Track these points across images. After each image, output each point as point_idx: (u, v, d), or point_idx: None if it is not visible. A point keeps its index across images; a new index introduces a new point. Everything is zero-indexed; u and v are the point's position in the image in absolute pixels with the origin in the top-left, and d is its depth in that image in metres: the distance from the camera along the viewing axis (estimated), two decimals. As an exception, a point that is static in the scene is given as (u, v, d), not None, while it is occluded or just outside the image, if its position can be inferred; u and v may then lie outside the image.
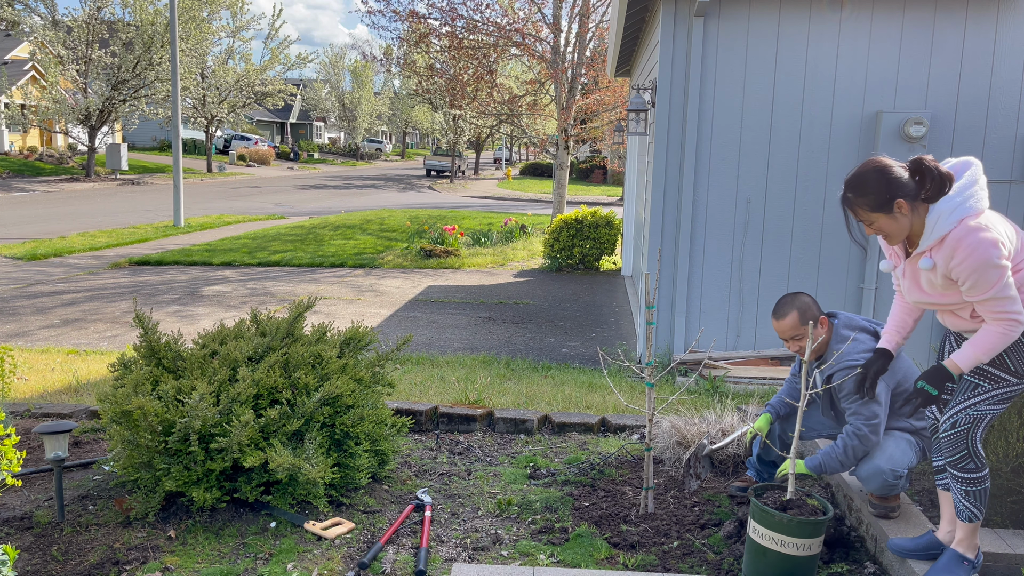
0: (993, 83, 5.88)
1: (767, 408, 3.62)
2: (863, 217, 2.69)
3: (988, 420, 2.72)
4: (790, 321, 3.24)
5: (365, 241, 14.71)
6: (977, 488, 2.74)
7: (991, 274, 2.53)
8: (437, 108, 34.83)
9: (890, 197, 2.60)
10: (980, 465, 2.73)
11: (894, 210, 2.61)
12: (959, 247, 2.54)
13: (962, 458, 2.73)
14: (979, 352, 2.64)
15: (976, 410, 2.71)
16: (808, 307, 3.25)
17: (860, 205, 2.66)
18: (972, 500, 2.75)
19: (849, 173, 2.73)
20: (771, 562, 2.80)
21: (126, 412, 3.25)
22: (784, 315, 3.26)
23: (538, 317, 8.64)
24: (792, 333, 3.25)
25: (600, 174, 41.57)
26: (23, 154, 32.24)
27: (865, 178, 2.66)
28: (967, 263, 2.54)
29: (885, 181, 2.61)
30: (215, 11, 29.71)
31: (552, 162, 17.20)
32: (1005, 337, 2.60)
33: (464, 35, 15.32)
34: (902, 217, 2.63)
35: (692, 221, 6.17)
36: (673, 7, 6.00)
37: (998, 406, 2.72)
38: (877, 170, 2.65)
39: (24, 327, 7.72)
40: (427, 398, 5.18)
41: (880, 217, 2.64)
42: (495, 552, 3.19)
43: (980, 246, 2.52)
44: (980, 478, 2.74)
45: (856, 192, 2.67)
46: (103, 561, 3.03)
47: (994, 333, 2.61)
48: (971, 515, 2.77)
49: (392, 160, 62.92)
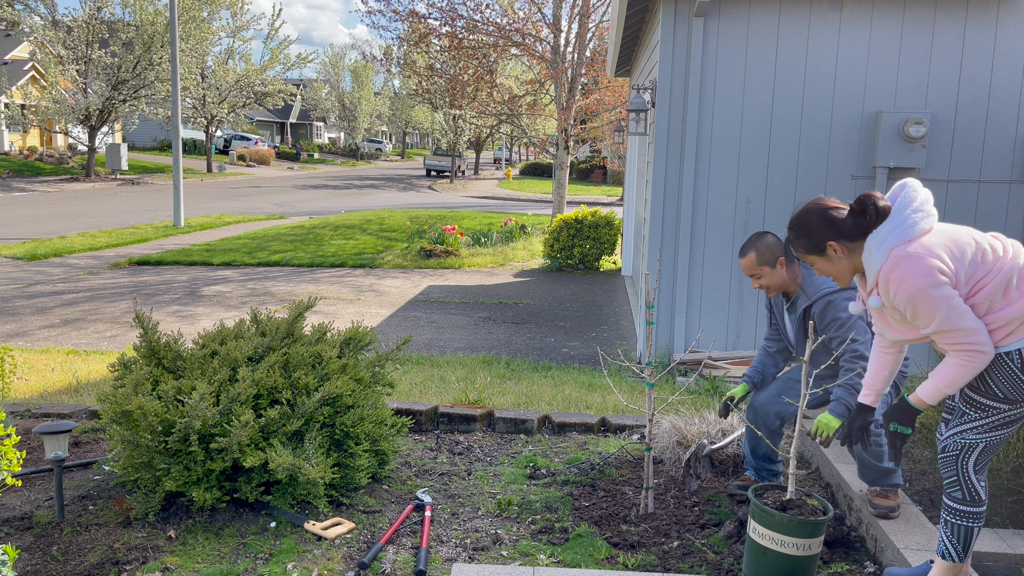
0: (993, 83, 5.88)
1: (744, 379, 3.71)
2: (802, 259, 2.68)
3: (982, 448, 2.54)
4: (747, 260, 3.41)
5: (365, 241, 14.71)
6: (959, 523, 2.57)
7: (927, 304, 2.39)
8: (437, 108, 34.83)
9: (821, 239, 2.57)
10: (968, 498, 2.55)
11: (827, 252, 2.59)
12: (890, 281, 2.44)
13: (951, 483, 2.58)
14: (940, 384, 2.49)
15: (964, 438, 2.56)
16: (769, 247, 3.37)
17: (797, 247, 2.66)
18: (951, 535, 2.59)
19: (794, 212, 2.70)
20: (771, 562, 2.80)
21: (126, 412, 3.25)
22: (744, 254, 3.43)
23: (538, 317, 8.64)
24: (751, 272, 3.42)
25: (600, 174, 41.57)
26: (23, 154, 32.25)
27: (801, 219, 2.63)
28: (900, 296, 2.43)
29: (820, 223, 2.58)
30: (215, 11, 29.71)
31: (552, 162, 17.20)
32: (965, 368, 2.43)
33: (464, 35, 15.32)
34: (839, 259, 2.59)
35: (692, 221, 6.17)
36: (673, 7, 6.00)
37: (992, 434, 2.54)
38: (813, 212, 2.61)
39: (24, 327, 7.73)
40: (427, 398, 5.18)
41: (816, 260, 2.64)
42: (495, 552, 3.19)
43: (908, 277, 2.40)
44: (966, 513, 2.56)
45: (794, 234, 2.66)
46: (103, 561, 3.03)
47: (953, 365, 2.45)
48: (945, 551, 2.60)
49: (392, 160, 62.93)
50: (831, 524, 3.41)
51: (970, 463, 2.56)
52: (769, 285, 3.44)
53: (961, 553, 2.58)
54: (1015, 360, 2.44)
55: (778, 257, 3.39)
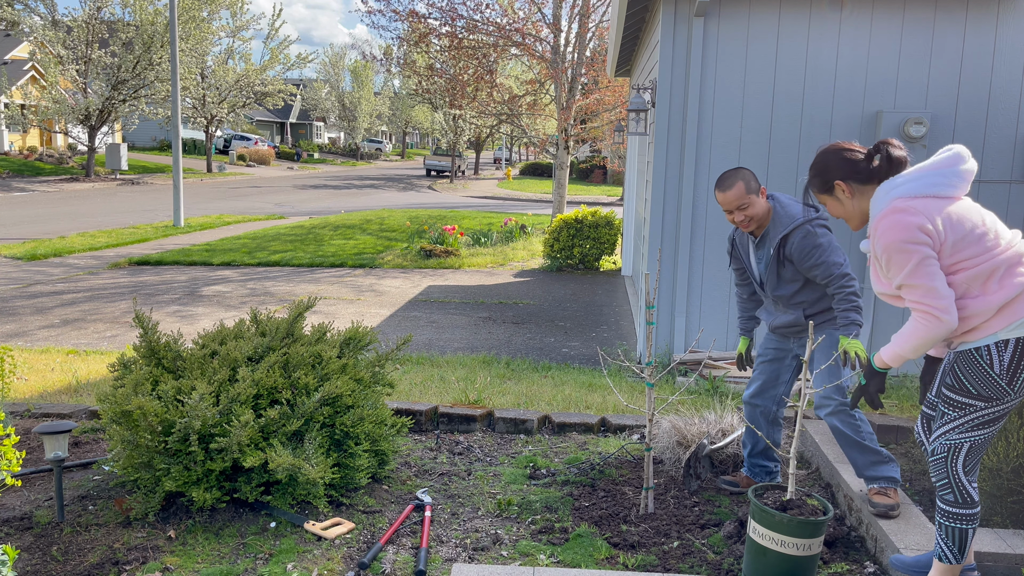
0: (993, 83, 5.88)
1: (741, 332, 3.80)
2: (818, 199, 2.76)
3: (969, 448, 2.55)
4: (736, 191, 3.36)
5: (365, 241, 14.71)
6: (953, 525, 2.57)
7: (900, 258, 2.43)
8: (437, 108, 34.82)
9: (830, 178, 2.65)
10: (960, 500, 2.56)
11: (835, 192, 2.66)
12: (878, 228, 2.49)
13: (943, 486, 2.60)
14: (898, 346, 2.53)
15: (948, 439, 2.58)
16: (750, 178, 3.40)
17: (811, 186, 2.75)
18: (946, 537, 2.59)
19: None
20: (771, 562, 2.80)
21: (126, 412, 3.25)
22: (730, 186, 3.37)
23: (538, 317, 8.63)
24: (738, 203, 3.36)
25: (600, 174, 41.57)
26: (23, 154, 32.25)
27: (818, 158, 2.72)
28: (880, 243, 2.47)
29: (832, 162, 2.66)
30: (215, 11, 29.71)
31: (552, 162, 17.20)
32: (922, 331, 2.45)
33: (464, 35, 15.32)
34: (846, 200, 2.66)
35: (692, 221, 6.17)
36: (673, 7, 6.00)
37: (974, 432, 2.54)
38: (829, 152, 2.69)
39: (24, 327, 7.72)
40: (427, 398, 5.18)
41: (826, 199, 2.71)
42: (495, 552, 3.19)
43: (894, 227, 2.44)
44: (959, 515, 2.57)
45: (811, 173, 2.75)
46: (103, 561, 3.02)
47: (911, 326, 2.49)
48: (941, 553, 2.62)
49: (392, 160, 62.93)
50: (831, 524, 3.41)
51: (959, 464, 2.57)
52: (754, 216, 3.41)
53: (957, 555, 2.60)
54: (984, 357, 2.47)
55: (759, 187, 3.42)
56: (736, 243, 3.67)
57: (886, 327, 6.13)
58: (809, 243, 3.32)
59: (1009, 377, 2.45)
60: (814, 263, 3.32)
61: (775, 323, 3.60)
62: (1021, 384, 2.46)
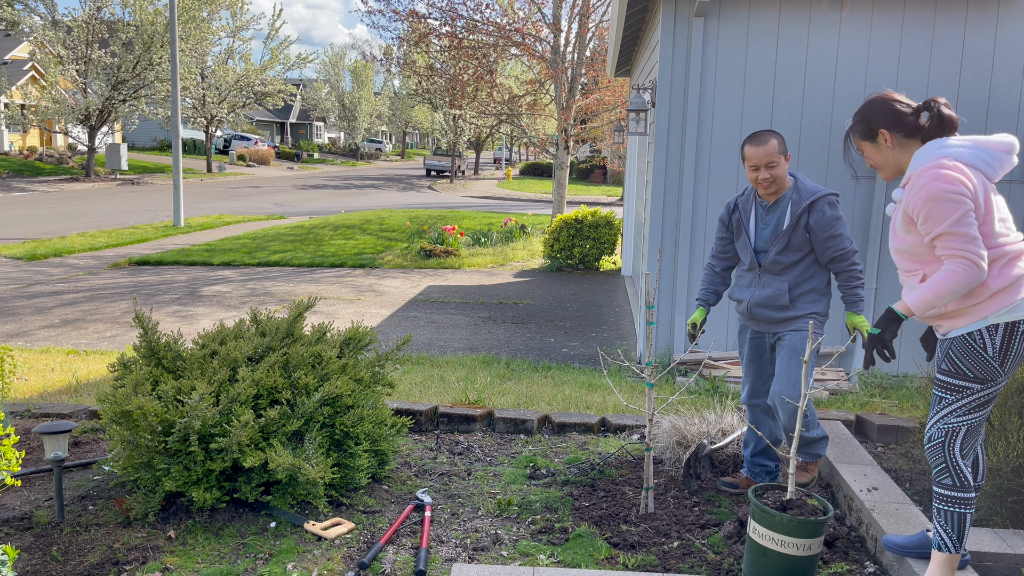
0: (993, 83, 5.88)
1: (699, 302, 3.86)
2: (857, 144, 2.80)
3: (965, 432, 2.63)
4: (769, 148, 3.43)
5: (365, 241, 14.71)
6: (951, 509, 2.64)
7: (944, 207, 2.47)
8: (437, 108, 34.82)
9: (876, 126, 2.70)
10: (958, 483, 2.64)
11: (878, 139, 2.71)
12: (921, 177, 2.53)
13: (940, 471, 2.66)
14: (928, 291, 2.54)
15: (946, 423, 2.65)
16: (782, 141, 3.49)
17: (853, 131, 2.79)
18: (944, 523, 2.65)
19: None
20: (771, 562, 2.80)
21: (126, 412, 3.25)
22: (765, 141, 3.45)
23: (538, 317, 8.64)
24: (769, 159, 3.41)
25: (600, 174, 41.56)
26: (23, 154, 32.25)
27: (865, 105, 2.77)
28: (921, 193, 2.51)
29: (880, 111, 2.70)
30: (215, 11, 29.71)
31: (552, 162, 17.20)
32: (956, 277, 2.48)
33: (464, 35, 15.32)
34: (886, 148, 2.71)
35: (692, 221, 6.17)
36: (673, 7, 6.00)
37: (970, 416, 2.63)
38: (878, 100, 2.74)
39: (24, 327, 7.72)
40: (427, 398, 5.18)
41: (866, 146, 2.76)
42: (495, 552, 3.19)
43: (940, 179, 2.49)
44: (957, 499, 2.63)
45: (855, 119, 2.79)
46: (103, 561, 3.03)
47: (945, 272, 2.50)
48: (941, 542, 2.67)
49: (392, 160, 62.93)
50: (831, 524, 3.41)
51: (956, 447, 2.65)
52: (778, 176, 3.48)
53: (956, 543, 2.65)
54: (977, 341, 2.58)
55: (788, 153, 3.51)
56: (739, 208, 3.69)
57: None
58: (833, 214, 3.46)
59: (1001, 359, 2.57)
60: (833, 233, 3.45)
61: (752, 300, 3.61)
62: (1011, 364, 2.59)
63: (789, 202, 3.50)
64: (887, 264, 6.11)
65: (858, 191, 6.07)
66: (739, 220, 3.66)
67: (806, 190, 3.50)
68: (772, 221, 3.55)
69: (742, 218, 3.65)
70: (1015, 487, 3.22)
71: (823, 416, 4.70)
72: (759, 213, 3.60)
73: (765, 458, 3.77)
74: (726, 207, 3.75)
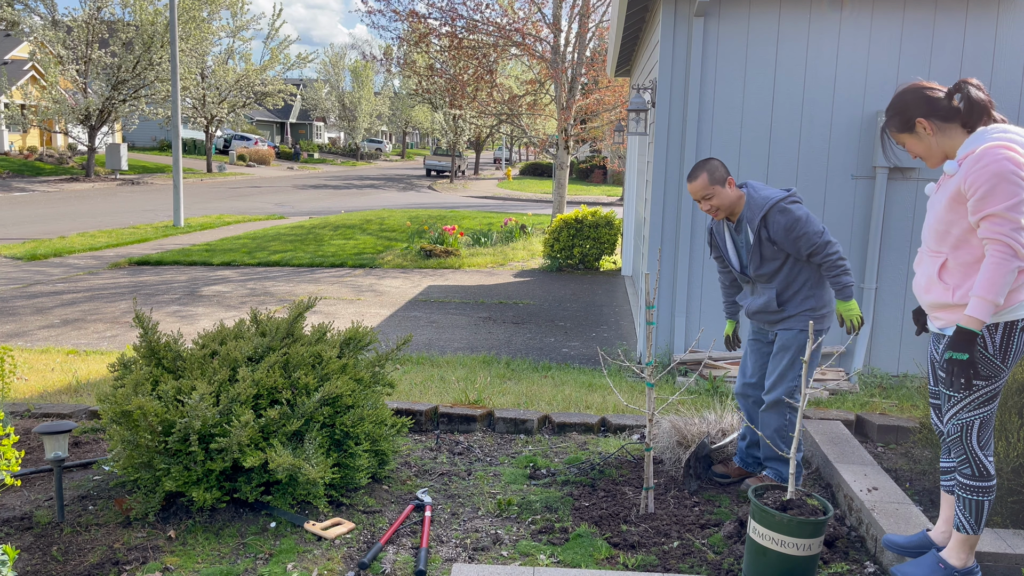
0: (993, 83, 5.88)
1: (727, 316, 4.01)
2: (896, 139, 2.77)
3: (980, 424, 2.67)
4: (700, 182, 3.54)
5: (365, 241, 14.71)
6: (973, 497, 2.70)
7: (1006, 187, 2.44)
8: (437, 108, 34.82)
9: (912, 115, 2.68)
10: (979, 474, 2.69)
11: (916, 129, 2.69)
12: (984, 156, 2.49)
13: (962, 462, 2.72)
14: (986, 292, 2.47)
15: (960, 419, 2.70)
16: (717, 167, 3.55)
17: (890, 126, 2.76)
18: (964, 509, 2.72)
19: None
20: (771, 562, 2.80)
21: (126, 412, 3.25)
22: (695, 177, 3.57)
23: (538, 317, 8.64)
24: (703, 193, 3.55)
25: (600, 174, 41.56)
26: (23, 154, 32.25)
27: (897, 98, 2.74)
28: (989, 168, 2.46)
29: (914, 100, 2.68)
30: (215, 11, 29.72)
31: (552, 162, 17.20)
32: (1002, 266, 2.45)
33: (464, 35, 15.32)
34: (927, 136, 2.68)
35: (692, 221, 6.17)
36: (673, 7, 6.00)
37: (982, 409, 2.67)
38: (909, 90, 2.72)
39: (24, 327, 7.73)
40: (427, 398, 5.18)
41: (906, 138, 2.73)
42: (495, 552, 3.19)
43: (1008, 159, 2.46)
44: (978, 488, 2.69)
45: (889, 113, 2.77)
46: (103, 561, 3.02)
47: (990, 266, 2.47)
48: (961, 525, 2.74)
49: (392, 160, 62.93)
50: (831, 524, 3.41)
51: (973, 439, 2.69)
52: (720, 205, 3.57)
53: (975, 526, 2.72)
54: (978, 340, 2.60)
55: (726, 177, 3.56)
56: (713, 232, 3.83)
57: (886, 327, 6.13)
58: (788, 218, 3.48)
59: (1002, 356, 2.61)
60: (797, 235, 3.47)
61: (750, 308, 3.75)
62: (1012, 360, 2.63)
63: (747, 220, 3.59)
64: (887, 264, 6.10)
65: (858, 191, 6.07)
66: (718, 243, 3.80)
67: (756, 204, 3.54)
68: (742, 241, 3.66)
69: (719, 241, 3.79)
70: (1015, 487, 3.22)
71: (823, 416, 4.70)
72: (731, 234, 3.72)
73: (758, 449, 3.84)
74: (707, 230, 3.91)
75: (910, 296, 6.11)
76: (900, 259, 6.10)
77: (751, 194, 3.57)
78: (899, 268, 6.11)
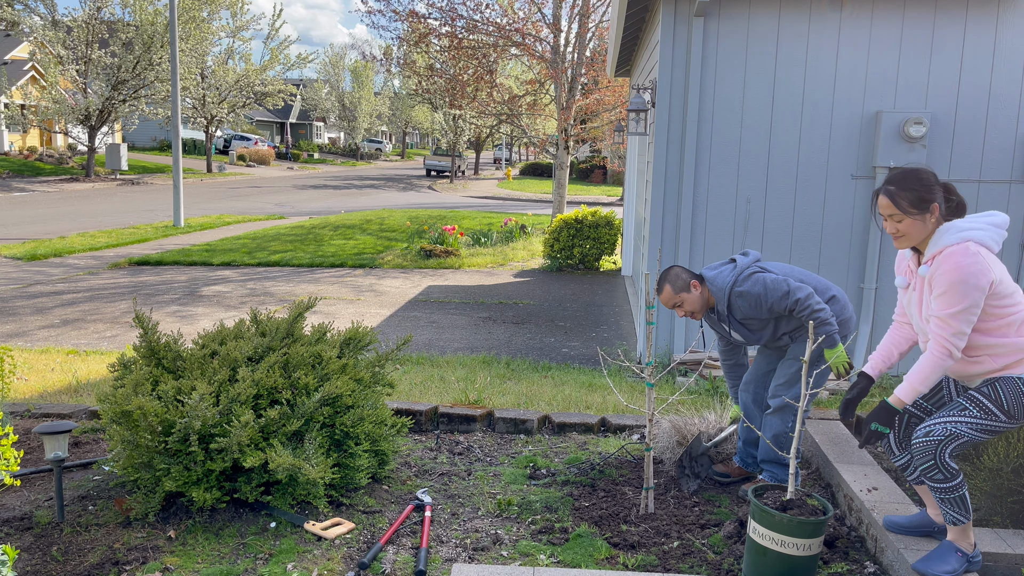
0: (993, 83, 5.88)
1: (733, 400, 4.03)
2: (898, 208, 2.79)
3: (964, 442, 2.75)
4: (666, 294, 3.63)
5: (365, 241, 14.70)
6: (952, 496, 2.78)
7: (958, 294, 2.65)
8: (437, 108, 34.82)
9: (931, 197, 2.75)
10: (949, 476, 2.76)
11: (927, 211, 2.76)
12: (949, 258, 2.68)
13: (929, 468, 2.77)
14: (915, 382, 2.74)
15: (954, 427, 2.75)
16: (679, 276, 3.61)
17: (901, 197, 2.78)
18: (951, 507, 2.81)
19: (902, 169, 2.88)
20: (771, 562, 2.80)
21: (126, 412, 3.25)
22: (660, 290, 3.66)
23: (538, 317, 8.63)
24: (672, 302, 3.63)
25: (600, 174, 41.55)
26: (23, 154, 32.24)
27: (916, 174, 2.80)
28: (950, 274, 2.67)
29: (937, 187, 2.78)
30: (215, 11, 29.70)
31: (552, 162, 17.20)
32: (938, 363, 2.70)
33: (464, 35, 15.31)
34: (929, 221, 2.78)
35: (692, 221, 6.17)
36: (673, 7, 6.00)
37: (980, 434, 2.76)
38: (927, 172, 2.81)
39: (23, 327, 7.72)
40: (427, 398, 5.18)
41: (913, 213, 2.78)
42: (495, 552, 3.19)
43: (972, 266, 2.65)
44: (952, 487, 2.77)
45: (901, 185, 2.80)
46: (103, 561, 3.02)
47: (928, 358, 2.72)
48: (955, 519, 2.83)
49: (392, 160, 62.92)
50: (831, 524, 3.41)
51: (947, 451, 2.75)
52: (693, 310, 3.65)
53: (965, 514, 2.82)
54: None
55: (689, 281, 3.61)
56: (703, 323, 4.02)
57: (886, 327, 6.13)
58: (749, 299, 3.54)
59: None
60: (768, 306, 3.52)
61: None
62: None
63: (720, 309, 3.66)
64: (887, 264, 6.10)
65: (858, 191, 6.07)
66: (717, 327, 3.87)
67: (718, 296, 3.61)
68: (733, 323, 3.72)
69: (716, 328, 3.86)
70: (1015, 487, 3.22)
71: (823, 416, 4.70)
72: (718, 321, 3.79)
73: (756, 448, 3.84)
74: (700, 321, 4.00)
75: (910, 296, 6.11)
76: (900, 259, 6.09)
77: (710, 287, 3.64)
78: (899, 268, 6.11)
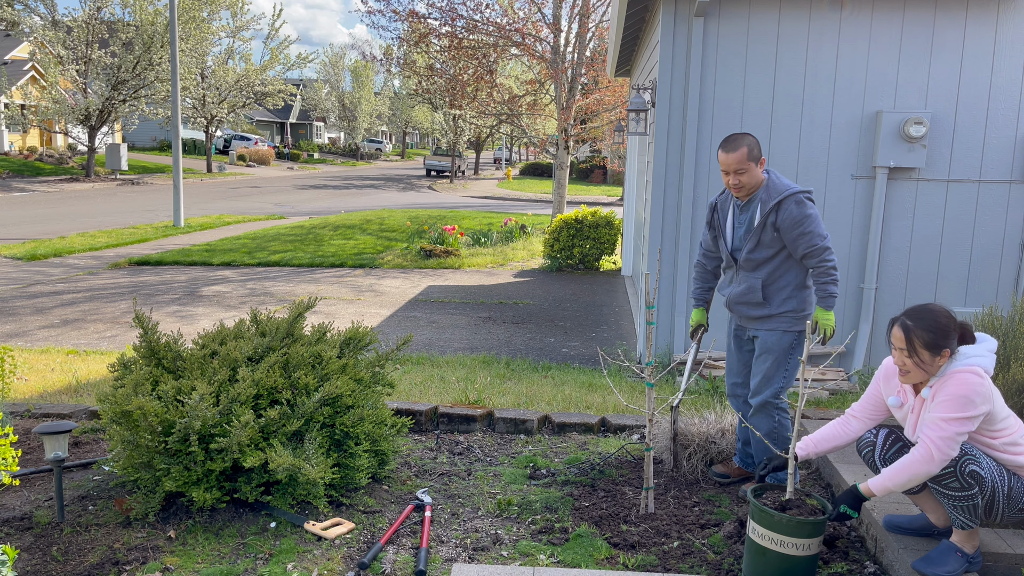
0: (993, 83, 5.88)
1: (695, 303, 3.97)
2: (909, 346, 2.82)
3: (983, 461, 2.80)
4: (738, 155, 3.44)
5: (365, 241, 14.71)
6: (964, 503, 2.80)
7: (958, 407, 2.70)
8: (437, 108, 34.81)
9: (946, 344, 2.79)
10: (965, 484, 2.78)
11: (939, 354, 2.80)
12: (955, 377, 2.75)
13: (947, 476, 2.78)
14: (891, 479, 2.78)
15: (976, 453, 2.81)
16: (754, 146, 3.47)
17: (917, 336, 2.81)
18: (963, 513, 2.81)
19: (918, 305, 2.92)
20: (771, 562, 2.80)
21: (126, 412, 3.25)
22: (734, 148, 3.46)
23: (538, 317, 8.63)
24: (737, 166, 3.44)
25: (600, 174, 41.56)
26: (23, 154, 32.24)
27: (938, 317, 2.82)
28: (957, 387, 2.73)
29: (953, 331, 2.81)
30: (215, 11, 29.69)
31: (552, 162, 17.20)
32: (921, 466, 2.72)
33: (464, 35, 15.32)
34: (937, 364, 2.81)
35: (692, 221, 6.17)
36: (673, 7, 6.00)
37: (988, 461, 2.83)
38: (948, 316, 2.83)
39: (23, 327, 7.72)
40: (427, 398, 5.18)
41: (924, 354, 2.80)
42: (495, 552, 3.19)
43: (980, 386, 2.72)
44: (966, 495, 2.79)
45: (920, 324, 2.82)
46: (103, 561, 3.03)
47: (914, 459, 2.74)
48: (964, 524, 2.83)
49: (392, 160, 62.92)
50: (831, 524, 3.41)
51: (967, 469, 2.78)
52: (747, 183, 3.52)
53: (975, 519, 2.82)
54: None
55: (760, 157, 3.50)
56: (718, 207, 3.77)
57: (885, 325, 6.12)
58: (802, 212, 3.45)
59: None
60: (802, 231, 3.44)
61: (731, 297, 3.73)
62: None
63: (759, 202, 3.54)
64: (887, 264, 6.11)
65: (858, 191, 6.07)
66: (718, 220, 3.75)
67: (775, 189, 3.50)
68: (745, 220, 3.61)
69: (720, 218, 3.74)
70: (1015, 487, 3.22)
71: (823, 416, 4.70)
72: (735, 212, 3.67)
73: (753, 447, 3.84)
74: (709, 206, 3.84)
75: (910, 296, 6.11)
76: (900, 259, 6.10)
77: (772, 179, 3.54)
78: (899, 268, 6.11)
